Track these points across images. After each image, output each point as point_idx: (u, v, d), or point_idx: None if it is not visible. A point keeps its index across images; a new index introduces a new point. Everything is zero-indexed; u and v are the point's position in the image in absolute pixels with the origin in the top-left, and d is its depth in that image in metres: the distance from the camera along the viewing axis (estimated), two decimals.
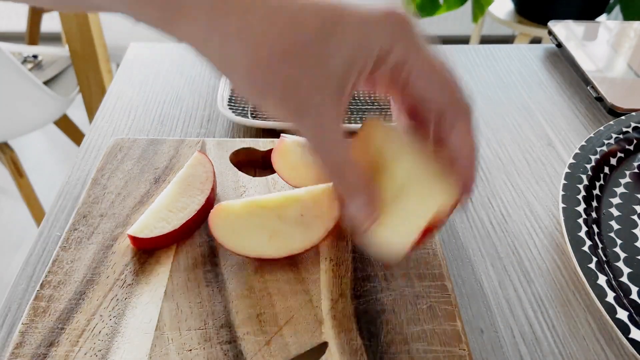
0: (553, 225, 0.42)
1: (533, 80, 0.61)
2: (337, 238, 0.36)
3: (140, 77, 0.59)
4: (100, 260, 0.35)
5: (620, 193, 0.43)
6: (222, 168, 0.42)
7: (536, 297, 0.36)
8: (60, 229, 0.40)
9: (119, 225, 0.37)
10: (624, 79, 0.58)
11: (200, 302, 0.32)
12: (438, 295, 0.33)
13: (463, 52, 0.66)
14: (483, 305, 0.36)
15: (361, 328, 0.31)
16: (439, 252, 0.36)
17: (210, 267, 0.34)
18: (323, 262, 0.35)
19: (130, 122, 0.52)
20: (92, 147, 0.49)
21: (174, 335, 0.30)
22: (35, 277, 0.37)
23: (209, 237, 0.36)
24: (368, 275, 0.34)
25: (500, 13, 1.69)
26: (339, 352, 0.30)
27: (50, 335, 0.30)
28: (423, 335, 0.31)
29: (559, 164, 0.48)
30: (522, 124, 0.53)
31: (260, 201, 0.34)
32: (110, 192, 0.40)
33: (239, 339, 0.30)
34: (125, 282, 0.33)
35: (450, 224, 0.42)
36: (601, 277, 0.34)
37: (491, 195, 0.45)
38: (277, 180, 0.41)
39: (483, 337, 0.34)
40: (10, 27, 2.41)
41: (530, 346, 0.33)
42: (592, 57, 0.61)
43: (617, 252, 0.38)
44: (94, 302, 0.32)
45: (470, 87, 0.59)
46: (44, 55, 1.38)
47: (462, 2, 1.62)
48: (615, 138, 0.46)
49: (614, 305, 0.33)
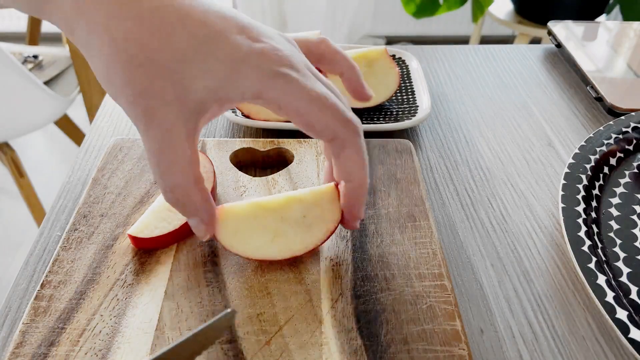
0: (553, 225, 0.42)
1: (533, 80, 0.61)
2: (337, 238, 0.37)
3: None
4: (100, 260, 0.35)
5: (620, 193, 0.43)
6: (222, 168, 0.42)
7: (536, 297, 0.36)
8: (60, 228, 0.40)
9: (120, 225, 0.37)
10: (623, 79, 0.58)
11: (201, 302, 0.32)
12: (438, 295, 0.33)
13: (463, 52, 0.66)
14: (483, 305, 0.36)
15: (361, 328, 0.31)
16: (438, 252, 0.36)
17: (210, 267, 0.34)
18: (323, 262, 0.35)
19: (130, 122, 0.52)
20: (93, 147, 0.49)
21: (174, 335, 0.30)
22: (36, 276, 0.37)
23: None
24: (368, 275, 0.34)
25: (500, 13, 1.69)
26: (339, 352, 0.30)
27: (51, 334, 0.30)
28: (423, 335, 0.31)
29: (558, 164, 0.48)
30: (522, 124, 0.54)
31: (262, 203, 0.34)
32: (110, 192, 0.40)
33: (239, 338, 0.30)
34: (125, 282, 0.33)
35: (451, 224, 0.42)
36: (601, 277, 0.35)
37: (491, 195, 0.45)
38: (277, 180, 0.41)
39: (483, 337, 0.34)
40: (10, 27, 2.41)
41: (530, 346, 0.33)
42: (591, 57, 0.61)
43: (617, 252, 0.38)
44: (95, 301, 0.32)
45: (470, 87, 0.59)
46: (44, 55, 1.38)
47: (462, 2, 1.62)
48: (615, 138, 0.46)
49: (614, 305, 0.33)
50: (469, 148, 0.50)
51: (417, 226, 0.38)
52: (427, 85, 0.58)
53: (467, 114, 0.55)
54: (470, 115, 0.55)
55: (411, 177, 0.42)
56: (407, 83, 0.56)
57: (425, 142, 0.51)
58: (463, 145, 0.50)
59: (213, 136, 0.50)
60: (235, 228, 0.33)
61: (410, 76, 0.57)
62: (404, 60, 0.59)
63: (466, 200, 0.44)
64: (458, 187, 0.45)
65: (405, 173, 0.42)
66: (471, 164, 0.48)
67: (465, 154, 0.49)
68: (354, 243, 0.36)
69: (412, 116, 0.51)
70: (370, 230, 0.37)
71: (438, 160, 0.48)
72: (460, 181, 0.46)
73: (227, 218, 0.33)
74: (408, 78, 0.57)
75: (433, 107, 0.56)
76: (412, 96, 0.54)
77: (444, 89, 0.59)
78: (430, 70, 0.62)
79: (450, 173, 0.47)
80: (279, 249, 0.34)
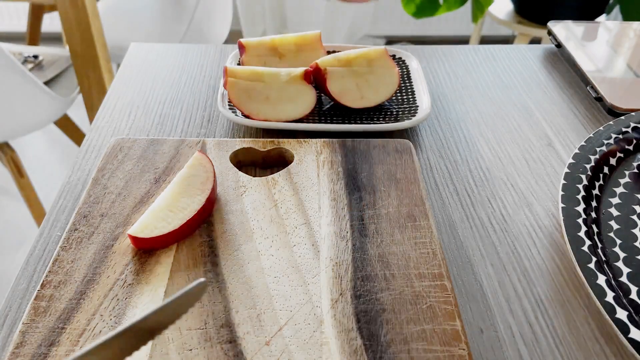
0: (553, 225, 0.42)
1: (533, 80, 0.61)
2: (337, 238, 0.37)
3: (140, 77, 0.60)
4: (100, 260, 0.35)
5: (620, 193, 0.43)
6: (222, 168, 0.42)
7: (536, 297, 0.36)
8: (60, 228, 0.40)
9: (119, 225, 0.37)
10: (623, 79, 0.58)
11: (201, 302, 0.32)
12: (438, 295, 0.33)
13: (463, 52, 0.66)
14: (483, 305, 0.36)
15: (361, 328, 0.31)
16: (438, 252, 0.36)
17: (210, 267, 0.34)
18: (323, 262, 0.35)
19: (130, 122, 0.52)
20: (93, 147, 0.49)
21: (174, 335, 0.30)
22: (36, 276, 0.37)
23: (209, 237, 0.37)
24: (368, 275, 0.34)
25: (500, 13, 1.69)
26: (339, 352, 0.30)
27: (51, 334, 0.30)
28: (423, 335, 0.31)
29: (558, 164, 0.48)
30: (522, 124, 0.54)
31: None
32: (110, 192, 0.40)
33: (239, 338, 0.30)
34: (125, 282, 0.33)
35: (451, 224, 0.42)
36: (601, 276, 0.35)
37: (491, 196, 0.45)
38: (277, 180, 0.41)
39: (483, 336, 0.34)
40: (10, 28, 2.41)
41: (530, 346, 0.33)
42: (591, 57, 0.61)
43: (617, 252, 0.38)
44: (95, 301, 0.32)
45: (470, 87, 0.59)
46: (44, 55, 1.38)
47: (462, 2, 1.62)
48: (615, 138, 0.46)
49: (614, 305, 0.33)
50: (469, 148, 0.50)
51: (417, 226, 0.38)
52: (427, 85, 0.58)
53: (467, 114, 0.55)
54: (470, 115, 0.55)
55: (411, 177, 0.42)
56: (407, 83, 0.56)
57: (425, 142, 0.51)
58: (463, 145, 0.50)
59: (213, 136, 0.50)
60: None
61: (410, 76, 0.57)
62: (404, 60, 0.59)
63: (466, 200, 0.44)
64: (458, 187, 0.45)
65: (405, 173, 0.42)
66: (471, 164, 0.48)
67: (465, 154, 0.49)
68: (354, 243, 0.36)
69: (412, 116, 0.51)
70: (370, 230, 0.37)
71: (438, 160, 0.48)
72: (460, 181, 0.46)
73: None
74: (408, 78, 0.57)
75: (433, 107, 0.56)
76: (412, 96, 0.54)
77: (444, 89, 0.59)
78: (430, 70, 0.62)
79: (450, 173, 0.47)
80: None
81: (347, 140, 0.46)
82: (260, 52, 0.55)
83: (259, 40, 0.55)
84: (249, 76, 0.50)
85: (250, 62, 0.55)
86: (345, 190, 0.40)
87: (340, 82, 0.50)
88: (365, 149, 0.45)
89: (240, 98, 0.49)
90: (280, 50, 0.55)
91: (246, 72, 0.50)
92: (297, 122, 0.49)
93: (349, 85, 0.51)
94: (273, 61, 0.55)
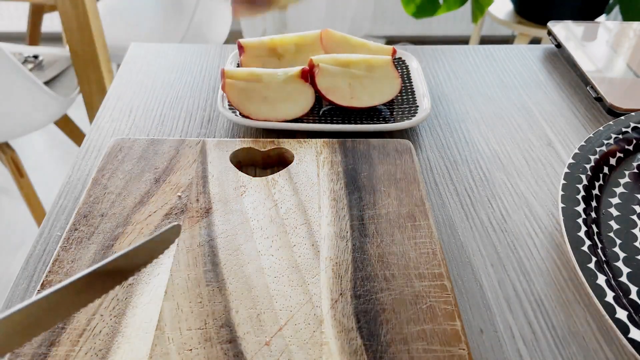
0: (552, 225, 0.42)
1: (532, 80, 0.61)
2: (337, 238, 0.37)
3: (140, 77, 0.60)
4: (100, 260, 0.35)
5: (620, 193, 0.43)
6: (222, 168, 0.42)
7: (536, 297, 0.36)
8: (60, 228, 0.40)
9: (119, 225, 0.37)
10: (623, 79, 0.58)
11: (201, 302, 0.32)
12: (438, 295, 0.33)
13: (463, 53, 0.66)
14: (483, 305, 0.36)
15: (361, 328, 0.31)
16: (438, 252, 0.36)
17: (210, 267, 0.34)
18: (323, 262, 0.35)
19: (130, 122, 0.52)
20: (93, 147, 0.49)
21: (174, 335, 0.30)
22: (36, 276, 0.37)
23: (209, 237, 0.37)
24: (368, 275, 0.34)
25: (500, 13, 1.70)
26: (339, 352, 0.30)
27: (51, 334, 0.30)
28: (423, 335, 0.31)
29: (558, 164, 0.48)
30: (522, 124, 0.54)
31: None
32: (110, 192, 0.40)
33: (239, 338, 0.30)
34: (125, 282, 0.33)
35: (450, 224, 0.42)
36: (600, 276, 0.35)
37: (491, 196, 0.45)
38: (277, 180, 0.41)
39: (483, 336, 0.34)
40: (10, 28, 2.41)
41: (530, 346, 0.33)
42: (591, 57, 0.61)
43: (617, 252, 0.38)
44: (95, 301, 0.32)
45: (470, 87, 0.59)
46: (44, 55, 1.38)
47: (462, 2, 1.62)
48: (615, 138, 0.46)
49: (614, 305, 0.33)
50: (468, 148, 0.50)
51: (417, 226, 0.38)
52: (427, 85, 0.58)
53: (467, 114, 0.55)
54: (470, 115, 0.55)
55: (411, 177, 0.42)
56: (407, 83, 0.56)
57: (425, 142, 0.51)
58: (463, 145, 0.50)
59: (213, 136, 0.50)
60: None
61: (410, 76, 0.57)
62: (404, 61, 0.59)
63: (466, 200, 0.44)
64: (458, 187, 0.45)
65: (405, 173, 0.42)
66: (471, 164, 0.48)
67: (465, 154, 0.49)
68: (354, 243, 0.36)
69: (412, 116, 0.51)
70: (370, 230, 0.37)
71: (438, 160, 0.48)
72: (460, 181, 0.46)
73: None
74: (408, 78, 0.57)
75: (433, 107, 0.56)
76: (412, 96, 0.54)
77: (444, 89, 0.59)
78: (430, 70, 0.62)
79: (450, 173, 0.47)
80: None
81: (347, 141, 0.46)
82: (260, 53, 0.55)
83: (259, 41, 0.55)
84: (246, 77, 0.50)
85: (249, 63, 0.55)
86: (345, 190, 0.41)
87: (330, 79, 0.50)
88: (365, 149, 0.45)
89: (239, 99, 0.49)
90: (280, 51, 0.55)
91: (244, 73, 0.50)
92: (296, 122, 0.49)
93: (340, 83, 0.50)
94: (272, 62, 0.55)
